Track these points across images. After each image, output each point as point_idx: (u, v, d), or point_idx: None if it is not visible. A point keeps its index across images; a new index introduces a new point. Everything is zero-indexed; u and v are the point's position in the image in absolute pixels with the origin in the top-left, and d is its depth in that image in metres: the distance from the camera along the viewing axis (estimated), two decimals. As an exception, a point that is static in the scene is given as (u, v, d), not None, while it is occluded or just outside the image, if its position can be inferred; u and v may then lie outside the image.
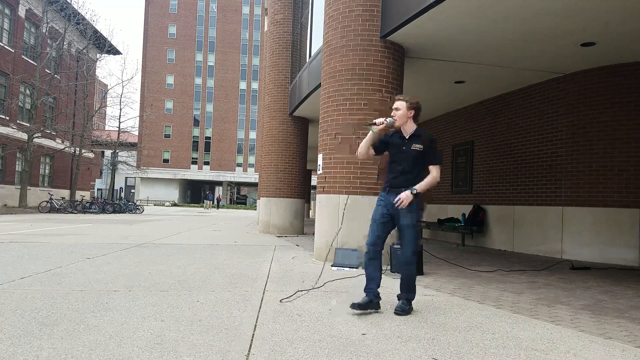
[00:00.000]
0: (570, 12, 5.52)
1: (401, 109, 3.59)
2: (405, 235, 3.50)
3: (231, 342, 2.67)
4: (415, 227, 3.51)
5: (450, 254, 8.30)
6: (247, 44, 68.35)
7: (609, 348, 2.82)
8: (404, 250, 3.53)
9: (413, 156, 3.52)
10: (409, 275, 3.55)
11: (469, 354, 2.61)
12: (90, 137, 30.89)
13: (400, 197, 3.43)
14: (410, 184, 3.48)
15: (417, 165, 3.54)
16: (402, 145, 3.58)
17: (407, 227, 3.48)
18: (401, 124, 3.61)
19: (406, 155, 3.54)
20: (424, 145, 3.53)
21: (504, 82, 8.83)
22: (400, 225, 3.52)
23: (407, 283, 3.55)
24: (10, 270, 4.88)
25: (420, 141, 3.54)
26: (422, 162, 3.54)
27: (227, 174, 66.70)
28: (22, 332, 2.73)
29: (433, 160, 3.57)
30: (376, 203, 3.64)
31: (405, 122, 3.61)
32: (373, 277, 3.52)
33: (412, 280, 3.57)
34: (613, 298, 4.51)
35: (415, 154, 3.52)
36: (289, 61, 12.62)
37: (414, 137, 3.57)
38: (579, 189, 7.91)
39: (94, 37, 29.33)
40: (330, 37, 6.60)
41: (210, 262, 6.08)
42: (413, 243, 3.51)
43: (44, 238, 8.68)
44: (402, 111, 3.59)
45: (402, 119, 3.59)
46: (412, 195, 3.42)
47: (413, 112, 3.60)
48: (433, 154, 3.58)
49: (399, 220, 3.50)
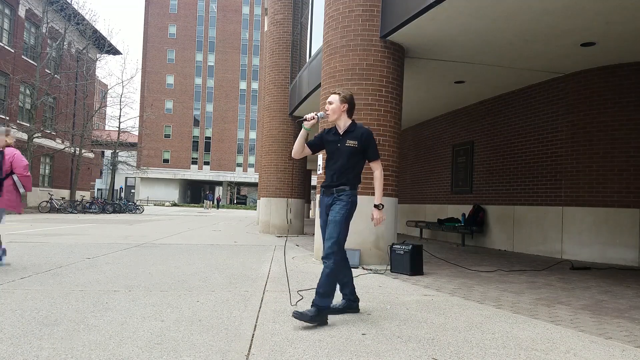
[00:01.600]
0: (570, 12, 5.52)
1: (334, 102, 3.39)
2: (328, 231, 3.26)
3: (231, 342, 2.67)
4: (340, 224, 3.23)
5: (450, 254, 8.30)
6: (247, 44, 68.36)
7: (609, 348, 2.82)
8: (324, 246, 3.25)
9: (347, 153, 3.32)
10: (323, 272, 3.17)
11: (469, 354, 2.61)
12: (90, 137, 30.89)
13: (375, 219, 3.36)
14: (346, 181, 3.32)
15: (353, 161, 3.34)
16: (337, 142, 3.38)
17: (331, 222, 3.26)
18: (335, 119, 3.41)
19: (340, 152, 3.34)
20: (358, 141, 3.33)
21: (504, 82, 8.83)
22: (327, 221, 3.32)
23: (321, 285, 3.15)
24: (10, 270, 4.88)
25: (354, 137, 3.34)
26: (358, 157, 3.36)
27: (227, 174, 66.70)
28: (22, 332, 2.73)
29: (373, 156, 3.40)
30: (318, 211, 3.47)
31: (339, 117, 3.41)
32: (343, 282, 3.40)
33: (327, 281, 3.15)
34: (613, 298, 4.51)
35: (350, 150, 3.32)
36: (289, 61, 12.62)
37: (347, 132, 3.38)
38: (579, 189, 7.91)
39: (94, 37, 29.34)
40: (330, 37, 6.60)
41: (210, 262, 6.08)
42: (332, 240, 3.19)
43: (44, 238, 8.68)
44: (334, 105, 3.38)
45: (335, 113, 3.39)
46: (379, 210, 3.34)
47: (346, 105, 3.40)
48: (372, 150, 3.39)
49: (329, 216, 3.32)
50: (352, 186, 3.36)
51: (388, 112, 6.36)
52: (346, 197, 3.30)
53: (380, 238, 6.19)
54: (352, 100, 3.45)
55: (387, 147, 6.35)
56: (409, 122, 13.23)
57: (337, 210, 3.28)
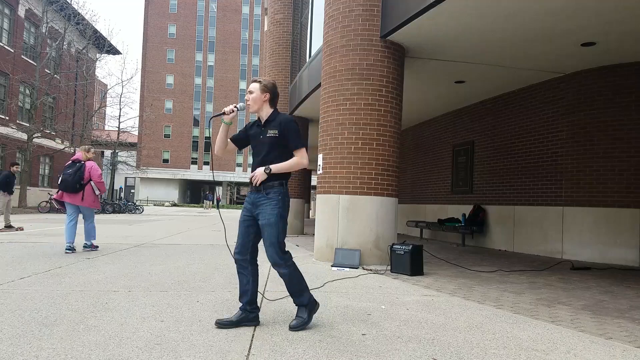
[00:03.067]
0: (570, 12, 5.51)
1: (254, 91, 3.13)
2: (265, 238, 3.04)
3: (231, 343, 2.66)
4: (276, 226, 3.01)
5: (450, 254, 8.29)
6: (247, 43, 68.34)
7: (609, 348, 2.82)
8: (268, 256, 3.06)
9: (268, 143, 3.07)
10: (284, 279, 3.08)
11: (469, 354, 2.61)
12: (90, 137, 30.88)
13: (254, 173, 3.04)
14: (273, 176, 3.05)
15: (275, 152, 3.07)
16: (260, 134, 3.14)
17: (265, 226, 3.02)
18: (256, 109, 3.15)
19: (263, 145, 3.10)
20: (279, 130, 3.06)
21: (504, 82, 8.83)
22: (260, 226, 3.06)
23: (289, 287, 3.10)
24: (10, 270, 4.87)
25: (275, 126, 3.08)
26: (280, 149, 3.08)
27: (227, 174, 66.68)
28: (22, 332, 2.73)
29: (293, 144, 3.08)
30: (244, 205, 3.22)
31: (261, 107, 3.14)
32: (244, 290, 3.10)
33: (292, 283, 3.08)
34: (613, 298, 4.51)
35: (271, 141, 3.07)
36: (289, 61, 12.62)
37: (268, 122, 3.12)
38: (580, 189, 7.91)
39: (94, 37, 29.33)
40: (330, 37, 6.60)
41: (210, 262, 6.08)
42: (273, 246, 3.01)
43: (44, 238, 8.68)
44: (255, 94, 3.12)
45: (256, 102, 3.13)
46: (265, 173, 3.01)
47: (268, 94, 3.13)
48: (292, 137, 3.07)
49: (259, 219, 3.05)
50: (280, 182, 3.08)
51: (388, 112, 6.36)
52: (276, 195, 3.04)
53: (380, 238, 6.19)
54: (274, 89, 3.19)
55: (387, 147, 6.35)
56: (409, 122, 13.22)
57: (269, 211, 3.01)
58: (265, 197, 3.05)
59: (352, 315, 3.41)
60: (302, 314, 3.07)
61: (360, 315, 3.42)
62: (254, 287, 3.13)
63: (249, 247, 3.13)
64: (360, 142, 6.25)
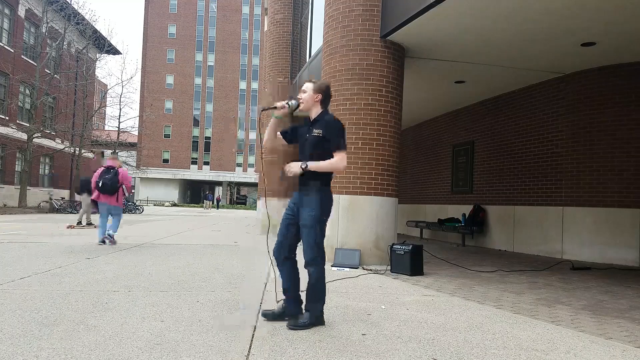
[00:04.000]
0: (570, 12, 5.51)
1: (307, 91, 3.16)
2: (302, 236, 3.06)
3: (231, 343, 2.66)
4: (315, 226, 3.02)
5: (450, 254, 8.29)
6: (247, 43, 68.33)
7: (609, 348, 2.82)
8: (304, 253, 3.06)
9: (312, 142, 3.09)
10: (310, 280, 3.07)
11: (469, 354, 2.61)
12: (90, 137, 30.87)
13: (289, 165, 3.05)
14: (307, 177, 3.05)
15: (317, 151, 3.06)
16: (306, 132, 3.17)
17: (302, 226, 3.04)
18: (308, 109, 3.18)
19: (308, 143, 3.13)
20: (324, 130, 3.07)
21: (504, 82, 8.83)
22: (300, 225, 3.07)
23: (309, 291, 3.08)
24: (10, 270, 4.87)
25: (320, 126, 3.10)
26: (323, 149, 3.07)
27: (227, 174, 66.67)
28: (22, 332, 2.73)
29: (333, 145, 3.05)
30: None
31: (312, 107, 3.18)
32: (284, 287, 3.14)
33: (316, 288, 3.07)
34: (613, 298, 4.51)
35: (315, 140, 3.08)
36: (289, 61, 12.61)
37: (315, 122, 3.15)
38: (580, 189, 7.91)
39: (94, 37, 29.31)
40: (330, 37, 6.60)
41: (210, 262, 6.08)
42: (311, 246, 3.02)
43: (44, 238, 8.67)
44: (308, 94, 3.15)
45: (308, 102, 3.16)
46: (300, 168, 3.01)
47: (320, 96, 3.15)
48: (332, 138, 3.06)
49: (299, 218, 3.07)
50: (323, 181, 3.09)
51: (388, 112, 6.36)
52: (315, 196, 3.05)
53: (380, 238, 6.19)
54: (327, 91, 3.21)
55: (387, 147, 6.35)
56: (409, 122, 13.22)
57: (307, 213, 3.03)
58: (305, 197, 3.08)
59: (352, 315, 3.41)
60: (307, 318, 3.05)
61: (360, 315, 3.42)
62: (294, 283, 3.16)
63: (286, 246, 3.13)
64: (360, 142, 6.25)
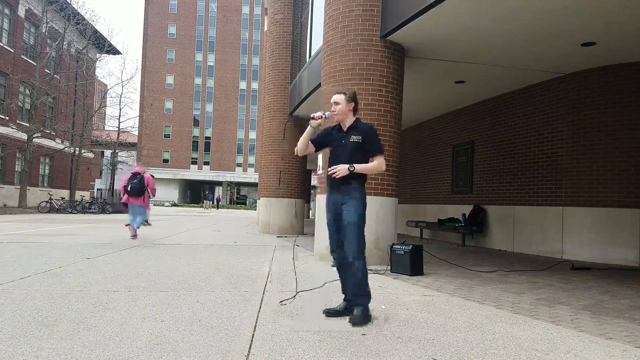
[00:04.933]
0: (570, 12, 5.51)
1: (341, 103, 3.37)
2: (347, 233, 3.24)
3: (231, 343, 2.66)
4: (359, 224, 3.24)
5: (450, 254, 8.29)
6: (247, 44, 68.33)
7: (609, 348, 2.82)
8: (346, 251, 3.24)
9: (351, 149, 3.30)
10: (354, 275, 3.25)
11: (469, 354, 2.61)
12: (90, 137, 30.88)
13: (336, 167, 3.24)
14: (350, 178, 3.26)
15: (357, 157, 3.29)
16: (342, 139, 3.37)
17: (347, 223, 3.24)
18: (342, 119, 3.40)
19: (345, 149, 3.32)
20: (362, 136, 3.32)
21: (504, 82, 8.83)
22: (342, 223, 3.27)
23: (354, 288, 3.26)
24: (10, 270, 4.87)
25: (358, 132, 3.34)
26: (362, 154, 3.31)
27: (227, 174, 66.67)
28: (22, 332, 2.73)
29: (374, 150, 3.34)
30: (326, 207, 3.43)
31: (346, 116, 3.40)
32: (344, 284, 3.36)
33: (360, 281, 3.25)
34: (613, 298, 4.51)
35: (354, 146, 3.31)
36: (289, 61, 12.61)
37: (352, 129, 3.37)
38: (580, 189, 7.91)
39: (94, 37, 29.32)
40: (330, 37, 6.60)
41: (210, 262, 6.08)
42: (355, 243, 3.21)
43: (44, 238, 8.68)
44: (342, 105, 3.37)
45: (343, 113, 3.38)
46: (348, 170, 3.21)
47: (352, 104, 3.40)
48: (374, 144, 3.35)
49: (342, 216, 3.27)
50: (360, 183, 3.33)
51: (388, 112, 6.36)
52: (357, 195, 3.29)
53: (380, 238, 6.19)
54: (356, 98, 3.46)
55: (387, 147, 6.34)
56: (409, 122, 13.22)
57: (353, 210, 3.25)
58: (348, 196, 3.29)
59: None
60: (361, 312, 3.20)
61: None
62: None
63: (342, 245, 3.31)
64: (360, 142, 6.24)
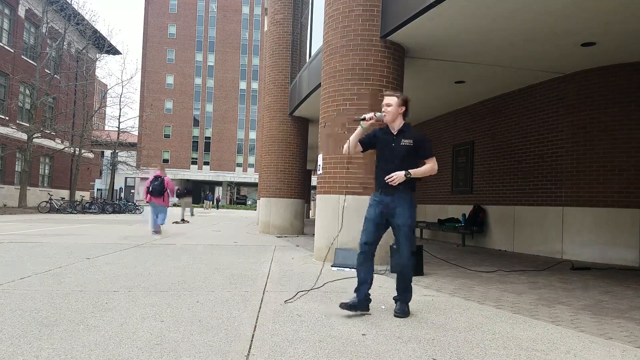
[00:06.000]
0: (570, 12, 5.51)
1: (393, 105, 3.51)
2: (401, 235, 3.42)
3: (231, 343, 2.66)
4: (411, 226, 3.41)
5: (450, 254, 8.29)
6: (247, 44, 68.33)
7: (609, 348, 2.82)
8: (402, 251, 3.44)
9: (403, 152, 3.43)
10: (406, 276, 3.49)
11: (469, 354, 2.61)
12: (90, 137, 30.88)
13: (393, 175, 3.36)
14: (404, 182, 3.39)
15: (407, 161, 3.43)
16: (391, 142, 3.48)
17: (402, 225, 3.39)
18: (392, 120, 3.52)
19: (396, 152, 3.45)
20: (413, 140, 3.45)
21: (504, 82, 8.82)
22: (395, 225, 3.43)
23: (404, 284, 3.49)
24: (10, 270, 4.87)
25: (409, 136, 3.47)
26: (412, 158, 3.45)
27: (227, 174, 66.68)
28: (22, 332, 2.73)
29: (427, 154, 3.47)
30: (369, 203, 3.55)
31: (396, 118, 3.53)
32: (366, 279, 3.45)
33: (410, 281, 3.51)
34: (613, 298, 4.51)
35: (405, 150, 3.43)
36: (289, 61, 12.61)
37: (402, 132, 3.50)
38: (580, 189, 7.91)
39: (94, 37, 29.32)
40: (330, 37, 6.60)
41: (210, 262, 6.08)
42: (410, 243, 3.42)
43: (44, 238, 8.67)
44: (393, 107, 3.51)
45: (393, 115, 3.51)
46: (405, 176, 3.34)
47: (404, 108, 3.54)
48: (426, 147, 3.48)
49: (394, 219, 3.42)
50: (412, 187, 3.45)
51: (388, 112, 6.35)
52: (409, 198, 3.43)
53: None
54: (408, 103, 3.58)
55: (387, 147, 6.33)
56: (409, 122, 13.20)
57: (407, 213, 3.39)
58: (401, 199, 3.41)
59: (352, 315, 3.41)
60: (405, 306, 3.47)
61: (361, 315, 3.42)
62: (372, 276, 3.49)
63: (378, 241, 3.48)
64: (361, 142, 6.23)
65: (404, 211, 3.39)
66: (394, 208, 3.41)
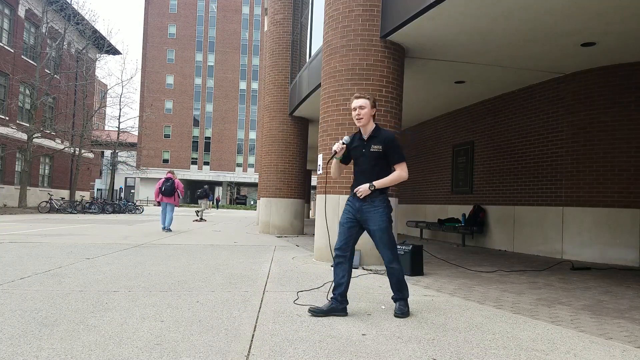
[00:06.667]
0: (570, 12, 5.51)
1: (366, 107, 3.43)
2: (376, 240, 3.41)
3: (231, 343, 2.66)
4: (387, 230, 3.38)
5: (450, 254, 8.29)
6: (247, 44, 68.36)
7: (609, 348, 2.82)
8: (382, 255, 3.44)
9: (372, 158, 3.41)
10: (396, 276, 3.46)
11: (469, 354, 2.61)
12: (90, 137, 30.90)
13: (359, 188, 3.39)
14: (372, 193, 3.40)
15: (378, 166, 3.41)
16: (362, 148, 3.46)
17: (376, 230, 3.38)
18: (366, 124, 3.46)
19: (368, 159, 3.43)
20: (383, 145, 3.39)
21: (504, 82, 8.83)
22: (369, 230, 3.42)
23: (398, 284, 3.48)
24: (10, 270, 4.87)
25: (378, 141, 3.41)
26: (383, 163, 3.42)
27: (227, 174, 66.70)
28: (22, 332, 2.73)
29: (396, 159, 3.41)
30: (344, 208, 3.54)
31: (369, 122, 3.46)
32: (339, 283, 3.40)
33: (400, 279, 3.48)
34: (613, 298, 4.51)
35: (374, 155, 3.41)
36: (289, 61, 12.61)
37: (372, 138, 3.44)
38: (580, 189, 7.91)
39: (94, 37, 29.33)
40: (330, 37, 6.60)
41: (210, 262, 6.08)
42: (389, 245, 3.39)
43: (44, 238, 8.67)
44: (367, 110, 3.43)
45: (367, 118, 3.44)
46: (369, 189, 3.34)
47: (374, 110, 3.49)
48: (394, 152, 3.41)
49: (368, 224, 3.41)
50: (382, 196, 3.43)
51: (388, 112, 6.36)
52: (381, 203, 3.40)
53: (380, 238, 6.18)
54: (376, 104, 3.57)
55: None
56: (409, 122, 13.22)
57: (379, 218, 3.37)
58: (371, 205, 3.40)
59: (352, 315, 3.41)
60: (404, 306, 3.46)
61: (360, 315, 3.42)
62: (347, 281, 3.44)
63: (350, 246, 3.45)
64: (360, 142, 6.23)
65: (375, 216, 3.37)
66: (366, 213, 3.40)
